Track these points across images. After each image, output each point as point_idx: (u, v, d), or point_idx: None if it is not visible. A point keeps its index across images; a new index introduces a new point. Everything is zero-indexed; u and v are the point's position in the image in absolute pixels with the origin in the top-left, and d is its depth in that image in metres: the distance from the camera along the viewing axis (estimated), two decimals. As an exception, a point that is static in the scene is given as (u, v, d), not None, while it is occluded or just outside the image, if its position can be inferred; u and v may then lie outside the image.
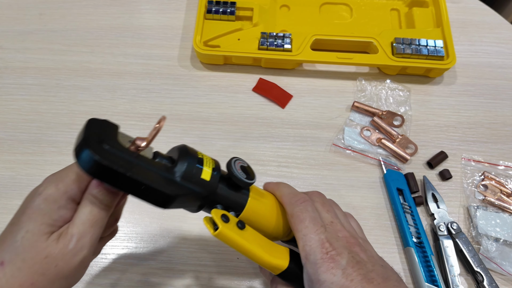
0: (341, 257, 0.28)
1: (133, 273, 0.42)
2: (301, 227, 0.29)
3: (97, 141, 0.24)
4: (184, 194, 0.27)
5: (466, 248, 0.42)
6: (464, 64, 0.55)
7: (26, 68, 0.54)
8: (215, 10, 0.54)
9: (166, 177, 0.26)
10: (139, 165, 0.25)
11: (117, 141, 0.26)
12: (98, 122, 0.26)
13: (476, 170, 0.48)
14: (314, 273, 0.28)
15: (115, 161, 0.24)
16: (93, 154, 0.23)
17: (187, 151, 0.29)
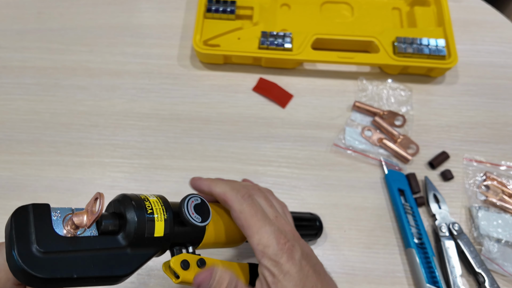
0: (295, 249, 0.28)
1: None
2: (254, 221, 0.28)
3: (30, 247, 0.22)
4: (139, 266, 0.26)
5: (467, 249, 0.42)
6: (466, 64, 0.55)
7: (24, 67, 0.53)
8: (215, 9, 0.53)
9: (116, 257, 0.24)
10: (82, 258, 0.23)
11: (52, 230, 0.23)
12: (24, 212, 0.23)
13: (478, 171, 0.48)
14: (275, 265, 0.27)
15: (53, 269, 0.22)
16: (31, 269, 0.21)
17: (133, 207, 0.26)
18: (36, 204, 0.23)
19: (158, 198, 0.28)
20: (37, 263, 0.21)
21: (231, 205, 0.29)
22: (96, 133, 0.49)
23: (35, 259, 0.21)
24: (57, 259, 0.22)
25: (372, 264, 0.43)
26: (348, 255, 0.43)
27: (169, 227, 0.27)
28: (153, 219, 0.26)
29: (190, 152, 0.49)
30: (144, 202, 0.26)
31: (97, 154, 0.48)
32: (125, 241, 0.25)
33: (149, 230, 0.26)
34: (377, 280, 0.42)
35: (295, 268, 0.27)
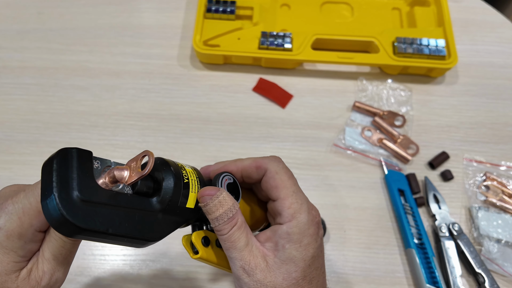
0: (321, 226, 0.28)
1: (132, 273, 0.42)
2: (290, 183, 0.27)
3: (69, 190, 0.21)
4: (167, 233, 0.25)
5: (467, 249, 0.42)
6: (466, 64, 0.55)
7: (24, 67, 0.53)
8: (215, 9, 0.53)
9: (148, 220, 0.24)
10: (118, 214, 0.22)
11: (94, 180, 0.22)
12: (67, 155, 0.22)
13: (478, 171, 0.48)
14: (299, 233, 0.26)
15: (91, 219, 0.21)
16: (70, 216, 0.20)
17: (172, 173, 0.25)
18: (80, 149, 0.22)
19: (193, 169, 0.27)
20: (77, 211, 0.20)
21: (266, 167, 0.28)
22: (96, 133, 0.49)
23: (75, 206, 0.20)
24: (96, 210, 0.21)
25: (372, 264, 0.43)
26: (348, 255, 0.43)
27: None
28: (188, 189, 0.25)
29: (190, 152, 0.49)
30: (182, 170, 0.26)
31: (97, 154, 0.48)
32: (158, 205, 0.24)
33: (183, 199, 0.25)
34: (377, 280, 0.42)
35: (314, 244, 0.26)
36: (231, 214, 0.25)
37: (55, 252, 0.24)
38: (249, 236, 0.26)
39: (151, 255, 0.43)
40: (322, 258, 0.28)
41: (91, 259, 0.42)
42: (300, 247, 0.26)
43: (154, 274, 0.42)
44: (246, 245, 0.25)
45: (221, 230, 0.25)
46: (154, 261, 0.42)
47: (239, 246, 0.25)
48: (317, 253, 0.26)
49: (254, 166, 0.28)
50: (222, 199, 0.25)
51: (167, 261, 0.42)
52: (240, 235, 0.25)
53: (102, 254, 0.43)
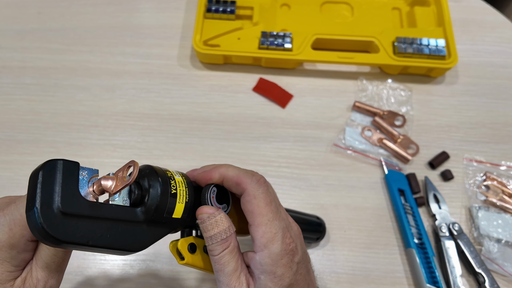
0: (298, 250, 0.27)
1: (132, 274, 0.42)
2: (266, 210, 0.26)
3: (52, 203, 0.21)
4: (151, 243, 0.25)
5: (467, 249, 0.42)
6: (466, 64, 0.55)
7: (24, 67, 0.53)
8: (215, 9, 0.53)
9: (132, 231, 0.24)
10: (99, 225, 0.23)
11: (77, 192, 0.22)
12: (53, 167, 0.22)
13: (478, 171, 0.48)
14: (272, 264, 0.25)
15: (71, 232, 0.21)
16: (50, 230, 0.21)
17: (159, 183, 0.25)
18: (66, 161, 0.23)
19: (183, 177, 0.27)
20: (57, 224, 0.21)
21: (246, 187, 0.27)
22: (96, 133, 0.49)
23: (56, 219, 0.21)
24: (77, 223, 0.22)
25: (372, 264, 0.43)
26: (348, 255, 0.43)
27: (188, 210, 0.26)
28: (175, 200, 0.25)
29: (190, 152, 0.49)
30: (170, 180, 0.26)
31: (97, 155, 0.48)
32: (143, 215, 0.25)
33: (169, 210, 0.25)
34: (377, 280, 0.42)
35: (289, 272, 0.26)
36: (225, 235, 0.25)
37: (48, 260, 0.24)
38: (240, 261, 0.26)
39: (151, 255, 0.43)
40: (304, 280, 0.27)
41: (91, 259, 0.42)
42: (275, 278, 0.25)
43: (155, 274, 0.42)
44: (235, 271, 0.25)
45: (213, 250, 0.25)
46: (154, 261, 0.42)
47: (227, 271, 0.25)
48: (295, 280, 0.26)
49: (235, 181, 0.27)
50: (219, 219, 0.25)
51: (168, 261, 0.42)
52: (231, 259, 0.25)
53: (102, 254, 0.42)
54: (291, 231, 0.27)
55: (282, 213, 0.27)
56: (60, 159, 0.23)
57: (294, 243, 0.26)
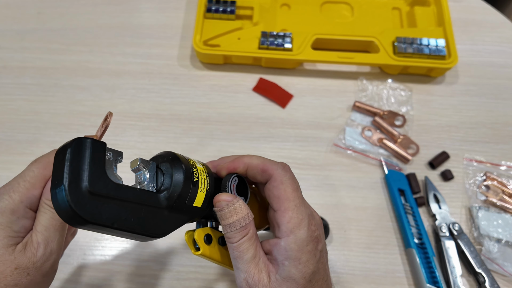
0: (321, 239, 0.27)
1: (132, 274, 0.42)
2: (294, 196, 0.26)
3: (80, 181, 0.21)
4: (172, 230, 0.25)
5: (467, 249, 0.42)
6: (466, 64, 0.55)
7: (24, 67, 0.53)
8: (215, 9, 0.53)
9: (154, 216, 0.24)
10: (125, 208, 0.22)
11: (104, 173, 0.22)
12: (82, 145, 0.22)
13: (478, 171, 0.48)
14: (298, 249, 0.25)
15: (98, 213, 0.21)
16: (79, 209, 0.20)
17: (181, 167, 0.25)
18: (94, 140, 0.22)
19: (204, 167, 0.27)
20: (85, 203, 0.20)
21: (272, 173, 0.27)
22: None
23: (84, 198, 0.20)
24: (103, 204, 0.21)
25: (372, 264, 0.43)
26: (348, 255, 0.43)
27: (208, 200, 0.26)
28: (196, 188, 0.25)
29: (190, 152, 0.48)
30: (193, 168, 0.26)
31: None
32: (166, 201, 0.24)
33: (190, 198, 0.25)
34: (377, 280, 0.42)
35: (313, 259, 0.26)
36: (244, 223, 0.25)
37: (47, 223, 0.26)
38: (258, 249, 0.26)
39: (151, 255, 0.42)
40: (324, 269, 0.27)
41: (91, 259, 0.42)
42: (300, 265, 0.25)
43: (155, 274, 0.42)
44: (254, 257, 0.25)
45: (232, 237, 0.25)
46: (155, 262, 0.42)
47: (246, 258, 0.25)
48: (318, 268, 0.26)
49: (261, 169, 0.27)
50: (238, 207, 0.25)
51: (168, 262, 0.42)
52: (250, 246, 0.25)
53: (102, 254, 0.42)
54: (315, 219, 0.27)
55: (306, 201, 0.27)
56: (88, 137, 0.22)
57: (318, 231, 0.26)
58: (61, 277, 0.41)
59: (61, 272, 0.41)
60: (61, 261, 0.41)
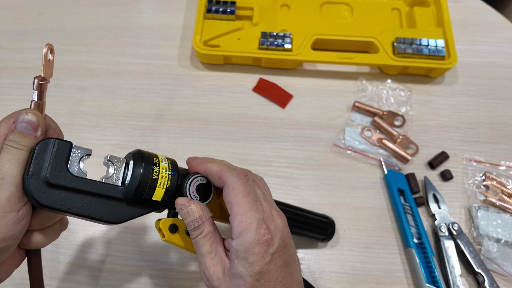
0: (274, 242, 0.28)
1: (132, 274, 0.42)
2: (243, 201, 0.28)
3: (40, 174, 0.26)
4: (130, 219, 0.28)
5: (467, 249, 0.42)
6: (466, 64, 0.55)
7: (25, 68, 0.54)
8: (215, 10, 0.53)
9: (109, 205, 0.27)
10: (80, 197, 0.27)
11: (65, 167, 0.26)
12: (47, 145, 0.26)
13: (478, 171, 0.48)
14: (244, 251, 0.28)
15: (54, 200, 0.26)
16: (32, 193, 0.25)
17: (141, 165, 0.28)
18: (60, 140, 0.27)
19: (169, 164, 0.30)
20: (42, 192, 0.26)
21: (226, 180, 0.29)
22: (97, 134, 0.49)
23: (41, 186, 0.26)
24: (60, 193, 0.26)
25: (372, 264, 0.43)
26: (348, 255, 0.43)
27: (168, 195, 0.29)
28: (154, 185, 0.28)
29: (190, 152, 0.49)
30: (154, 166, 0.29)
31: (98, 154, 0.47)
32: (124, 194, 0.28)
33: (148, 192, 0.28)
34: (377, 280, 0.42)
35: (261, 261, 0.28)
36: (197, 223, 0.29)
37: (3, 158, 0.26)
38: (215, 245, 0.29)
39: (151, 255, 0.43)
40: (278, 271, 0.28)
41: (91, 258, 0.43)
42: (246, 264, 0.27)
43: (155, 274, 0.42)
44: (209, 253, 0.29)
45: (191, 234, 0.29)
46: (155, 261, 0.42)
47: (202, 252, 0.29)
48: (268, 269, 0.28)
49: (217, 176, 0.30)
50: (190, 210, 0.29)
51: (168, 261, 0.42)
52: (205, 243, 0.29)
53: (101, 254, 0.43)
54: (272, 223, 0.29)
55: (263, 205, 0.29)
56: (54, 138, 0.27)
57: (270, 234, 0.28)
58: (60, 277, 0.41)
59: (61, 272, 0.42)
60: (60, 260, 0.42)
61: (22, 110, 0.28)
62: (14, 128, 0.27)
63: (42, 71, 0.27)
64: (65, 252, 0.42)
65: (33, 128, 0.27)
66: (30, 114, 0.27)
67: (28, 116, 0.27)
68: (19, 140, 0.26)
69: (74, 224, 0.43)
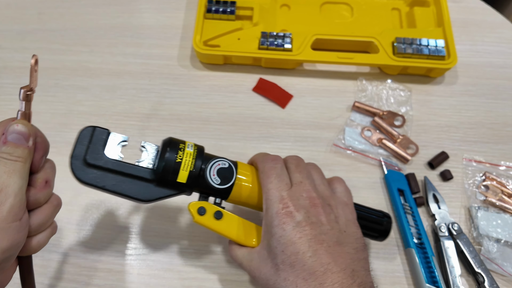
0: (297, 214, 0.31)
1: (132, 273, 0.42)
2: (267, 182, 0.33)
3: (81, 156, 0.31)
4: (160, 197, 0.33)
5: (467, 249, 0.42)
6: (466, 64, 0.55)
7: (25, 67, 0.54)
8: (215, 10, 0.53)
9: (140, 185, 0.32)
10: (114, 176, 0.31)
11: (102, 151, 0.31)
12: (88, 131, 0.32)
13: (477, 171, 0.48)
14: (269, 225, 0.31)
15: (92, 178, 0.31)
16: (74, 171, 0.31)
17: (167, 150, 0.32)
18: (100, 128, 0.32)
19: (195, 150, 0.34)
20: (81, 169, 0.31)
21: (258, 165, 0.35)
22: (97, 133, 0.49)
23: (81, 166, 0.31)
24: (97, 172, 0.31)
25: (372, 263, 0.43)
26: (348, 255, 0.43)
27: (192, 178, 0.33)
28: (178, 168, 0.32)
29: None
30: (178, 151, 0.33)
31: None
32: (153, 175, 0.32)
33: (172, 175, 0.32)
34: (377, 280, 0.42)
35: (283, 232, 0.30)
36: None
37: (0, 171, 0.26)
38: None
39: (151, 254, 0.43)
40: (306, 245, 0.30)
41: (91, 258, 0.42)
42: (271, 236, 0.31)
43: (155, 273, 0.42)
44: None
45: None
46: (155, 261, 0.42)
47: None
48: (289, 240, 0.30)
49: (254, 163, 0.36)
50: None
51: (169, 261, 0.42)
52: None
53: (102, 253, 0.43)
54: (297, 201, 0.32)
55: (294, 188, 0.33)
56: (94, 126, 0.32)
57: (292, 208, 0.31)
58: (60, 277, 0.41)
59: (61, 271, 0.42)
60: (60, 260, 0.42)
61: (10, 119, 0.29)
62: (5, 140, 0.27)
63: (30, 82, 0.28)
64: (65, 252, 0.42)
65: (24, 138, 0.27)
66: (20, 124, 0.28)
67: (19, 127, 0.28)
68: (13, 151, 0.27)
69: (71, 223, 0.43)
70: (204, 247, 0.43)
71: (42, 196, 0.29)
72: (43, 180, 0.29)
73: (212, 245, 0.43)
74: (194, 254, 0.43)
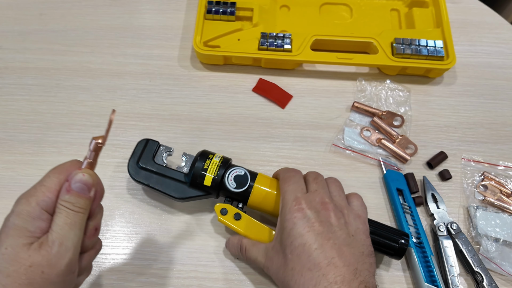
0: (308, 211, 0.34)
1: (133, 273, 0.42)
2: (284, 186, 0.37)
3: (136, 160, 0.42)
4: (191, 197, 0.41)
5: (465, 248, 0.42)
6: (464, 65, 0.55)
7: (26, 68, 0.54)
8: (215, 10, 0.54)
9: (177, 185, 0.41)
10: (158, 177, 0.41)
11: (151, 158, 0.42)
12: (143, 142, 0.43)
13: (476, 171, 0.48)
14: (282, 220, 0.35)
15: (141, 176, 0.41)
16: (130, 171, 0.41)
17: (197, 159, 0.41)
18: (151, 140, 0.43)
19: (221, 159, 0.41)
20: (135, 170, 0.41)
21: (279, 175, 0.40)
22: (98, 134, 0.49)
23: (135, 168, 0.42)
24: (146, 173, 0.41)
25: (371, 263, 0.43)
26: (347, 254, 0.44)
27: (215, 182, 0.40)
28: (204, 173, 0.40)
29: (190, 152, 0.49)
30: (207, 160, 0.41)
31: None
32: (187, 179, 0.41)
33: (200, 179, 0.40)
34: (376, 280, 0.42)
35: (294, 225, 0.33)
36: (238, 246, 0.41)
37: (61, 222, 0.26)
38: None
39: (152, 254, 0.43)
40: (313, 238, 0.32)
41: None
42: (283, 230, 0.34)
43: (155, 273, 0.42)
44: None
45: None
46: (155, 260, 0.43)
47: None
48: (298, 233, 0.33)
49: (277, 174, 0.41)
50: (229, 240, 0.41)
51: (168, 261, 0.43)
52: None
53: (102, 253, 0.43)
54: (308, 200, 0.35)
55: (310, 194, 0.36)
56: (148, 138, 0.43)
57: (303, 206, 0.34)
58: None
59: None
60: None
61: (73, 163, 0.29)
62: (69, 188, 0.27)
63: (105, 134, 0.29)
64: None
65: (88, 189, 0.27)
66: (86, 175, 0.28)
67: (85, 177, 0.27)
68: (76, 201, 0.27)
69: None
70: (204, 247, 0.43)
71: (91, 243, 0.30)
72: (93, 227, 0.29)
73: (212, 245, 0.43)
74: (194, 254, 0.43)
